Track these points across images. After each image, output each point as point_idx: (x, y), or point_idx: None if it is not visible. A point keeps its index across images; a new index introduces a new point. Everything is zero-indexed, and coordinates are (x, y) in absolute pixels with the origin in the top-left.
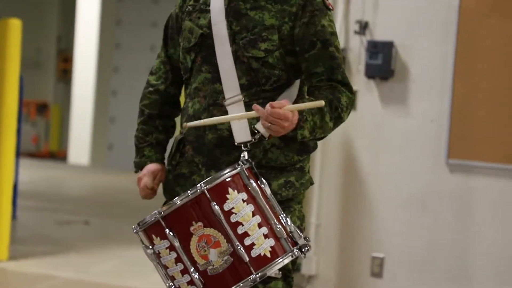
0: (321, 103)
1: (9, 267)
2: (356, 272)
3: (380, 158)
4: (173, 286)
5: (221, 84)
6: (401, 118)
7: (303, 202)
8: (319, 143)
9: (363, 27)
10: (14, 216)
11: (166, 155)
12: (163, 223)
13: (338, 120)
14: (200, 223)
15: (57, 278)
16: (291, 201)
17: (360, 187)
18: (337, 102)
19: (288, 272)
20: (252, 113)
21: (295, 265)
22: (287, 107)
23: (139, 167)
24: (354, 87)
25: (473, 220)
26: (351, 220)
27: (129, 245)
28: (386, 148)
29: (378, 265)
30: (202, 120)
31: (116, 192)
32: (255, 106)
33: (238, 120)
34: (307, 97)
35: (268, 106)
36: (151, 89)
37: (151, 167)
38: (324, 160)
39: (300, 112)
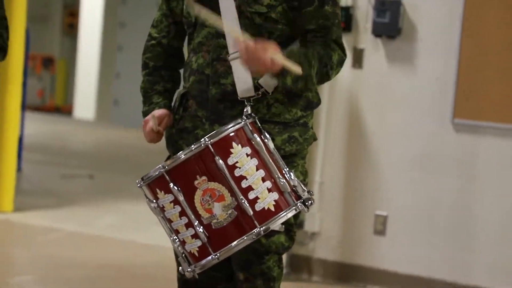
0: (299, 70)
1: (13, 218)
2: (359, 230)
3: (385, 117)
4: (177, 240)
5: (225, 39)
6: (408, 77)
7: (307, 158)
8: (325, 101)
9: None
10: (19, 169)
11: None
12: (167, 177)
13: (324, 77)
14: (204, 177)
15: (60, 231)
16: (295, 156)
17: (364, 145)
18: (328, 59)
19: (291, 226)
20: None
21: (297, 219)
22: (270, 53)
23: (147, 115)
24: (361, 45)
25: (477, 180)
26: (355, 178)
27: (132, 199)
28: (392, 106)
29: (381, 223)
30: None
31: (121, 147)
32: (237, 39)
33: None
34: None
35: (251, 44)
36: (153, 42)
37: (157, 112)
38: (329, 118)
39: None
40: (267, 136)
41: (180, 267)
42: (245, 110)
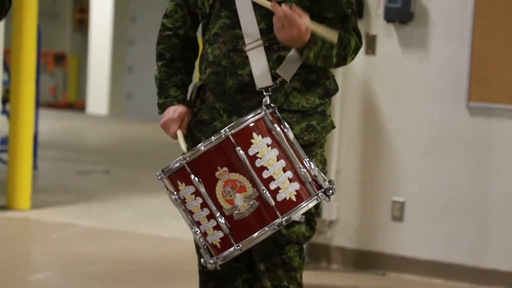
0: (335, 37)
1: (31, 216)
2: (377, 217)
3: (399, 103)
4: (199, 232)
5: (241, 29)
6: (421, 62)
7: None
8: (339, 88)
9: None
10: (35, 166)
11: None
12: (188, 169)
13: (342, 60)
14: (225, 168)
15: (78, 227)
16: (313, 145)
17: (380, 131)
18: (347, 43)
19: (311, 216)
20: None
21: (318, 208)
22: (305, 20)
23: (164, 108)
24: (374, 32)
25: (493, 163)
26: (371, 164)
27: (149, 193)
28: (406, 92)
29: (398, 209)
30: None
31: (135, 141)
32: (274, 4)
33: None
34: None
35: (288, 9)
36: (169, 32)
37: (178, 108)
38: (344, 105)
39: (313, 34)
40: (287, 126)
41: (202, 259)
42: (264, 100)
